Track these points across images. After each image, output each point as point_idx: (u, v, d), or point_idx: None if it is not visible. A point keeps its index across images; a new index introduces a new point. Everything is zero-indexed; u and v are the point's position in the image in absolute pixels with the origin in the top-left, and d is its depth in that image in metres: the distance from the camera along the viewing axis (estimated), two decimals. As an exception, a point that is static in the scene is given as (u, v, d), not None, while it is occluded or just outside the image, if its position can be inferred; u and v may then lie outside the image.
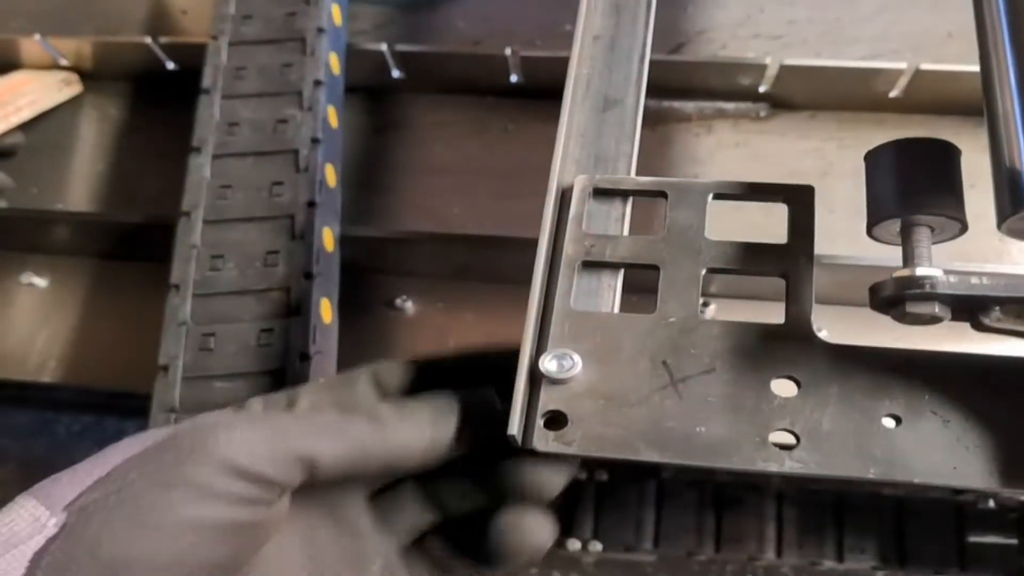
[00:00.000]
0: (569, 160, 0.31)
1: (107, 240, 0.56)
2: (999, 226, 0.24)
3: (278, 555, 0.26)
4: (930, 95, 0.55)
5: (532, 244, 0.29)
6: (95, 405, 0.57)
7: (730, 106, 0.58)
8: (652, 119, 0.58)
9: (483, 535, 0.27)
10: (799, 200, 0.28)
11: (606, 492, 0.59)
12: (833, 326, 0.51)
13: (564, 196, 0.30)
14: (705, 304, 0.52)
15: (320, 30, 0.51)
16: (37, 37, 0.60)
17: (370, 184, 0.58)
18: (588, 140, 0.31)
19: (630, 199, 0.30)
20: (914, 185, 0.25)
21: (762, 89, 0.56)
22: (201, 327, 0.41)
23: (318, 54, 0.50)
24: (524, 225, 0.30)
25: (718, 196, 0.29)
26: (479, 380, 0.28)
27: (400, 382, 0.29)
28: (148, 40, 0.59)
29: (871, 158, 0.26)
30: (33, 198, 0.60)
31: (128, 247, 0.56)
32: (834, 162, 0.57)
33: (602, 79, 0.32)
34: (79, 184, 0.60)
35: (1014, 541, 0.54)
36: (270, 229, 0.44)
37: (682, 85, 0.57)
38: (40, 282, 0.58)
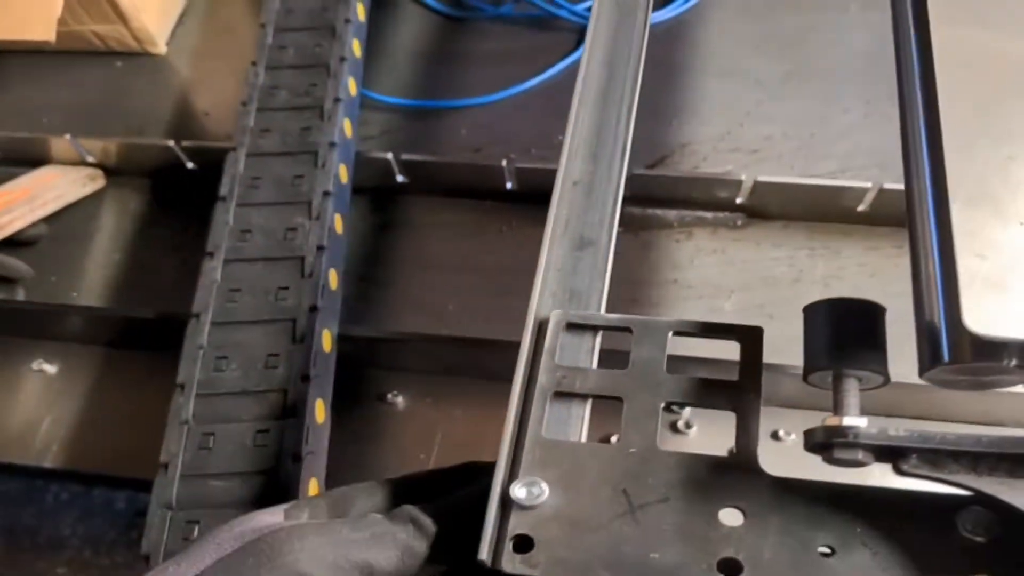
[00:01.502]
0: (547, 294, 0.34)
1: (118, 331, 0.59)
2: (920, 375, 0.27)
3: None
4: (895, 210, 0.59)
5: (517, 346, 0.32)
6: (83, 476, 0.59)
7: (709, 215, 0.62)
8: (636, 225, 0.62)
9: None
10: (749, 340, 0.31)
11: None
12: (800, 430, 0.54)
13: (540, 328, 0.33)
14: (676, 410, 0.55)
15: (332, 144, 0.55)
16: (68, 137, 0.65)
17: (372, 278, 0.61)
18: (564, 276, 0.35)
19: (599, 332, 0.33)
20: (843, 341, 0.28)
21: (739, 201, 0.61)
22: (202, 426, 0.44)
23: (329, 167, 0.54)
24: (514, 323, 0.33)
25: (678, 333, 0.32)
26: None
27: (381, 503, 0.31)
28: (171, 143, 0.63)
29: (808, 312, 0.29)
30: (51, 286, 0.63)
31: (137, 338, 0.59)
32: (804, 269, 0.60)
33: (579, 220, 0.36)
34: (95, 274, 0.63)
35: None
36: (273, 332, 0.47)
37: (665, 195, 0.61)
38: (50, 368, 0.60)
